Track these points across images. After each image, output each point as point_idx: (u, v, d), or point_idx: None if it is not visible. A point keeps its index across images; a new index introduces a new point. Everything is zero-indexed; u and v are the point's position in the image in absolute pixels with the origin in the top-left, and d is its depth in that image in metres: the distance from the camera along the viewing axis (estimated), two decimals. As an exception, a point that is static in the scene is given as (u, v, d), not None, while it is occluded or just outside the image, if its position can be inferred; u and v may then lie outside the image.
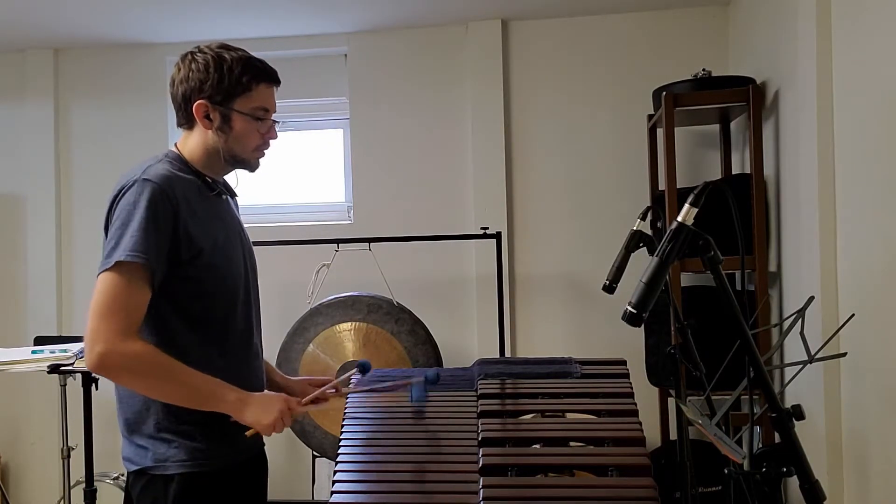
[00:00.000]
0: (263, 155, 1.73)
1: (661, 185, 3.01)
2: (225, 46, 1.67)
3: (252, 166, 1.73)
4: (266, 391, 1.71)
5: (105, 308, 1.48)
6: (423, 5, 3.42)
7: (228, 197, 1.78)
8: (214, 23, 3.53)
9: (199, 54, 1.65)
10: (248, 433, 1.55)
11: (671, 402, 3.14)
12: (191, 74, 1.63)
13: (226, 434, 1.62)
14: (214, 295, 1.63)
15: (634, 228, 2.27)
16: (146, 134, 3.82)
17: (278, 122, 1.74)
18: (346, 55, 3.76)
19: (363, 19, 3.57)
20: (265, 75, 1.67)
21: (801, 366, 1.38)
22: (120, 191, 1.57)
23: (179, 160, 1.66)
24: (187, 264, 1.58)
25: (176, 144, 1.71)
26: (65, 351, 2.82)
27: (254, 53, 1.71)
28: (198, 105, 1.63)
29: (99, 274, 1.52)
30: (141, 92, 3.83)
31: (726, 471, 1.32)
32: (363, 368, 1.87)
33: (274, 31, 3.66)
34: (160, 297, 1.56)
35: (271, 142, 1.73)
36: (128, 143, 3.83)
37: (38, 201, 3.87)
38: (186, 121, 1.68)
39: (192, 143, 1.68)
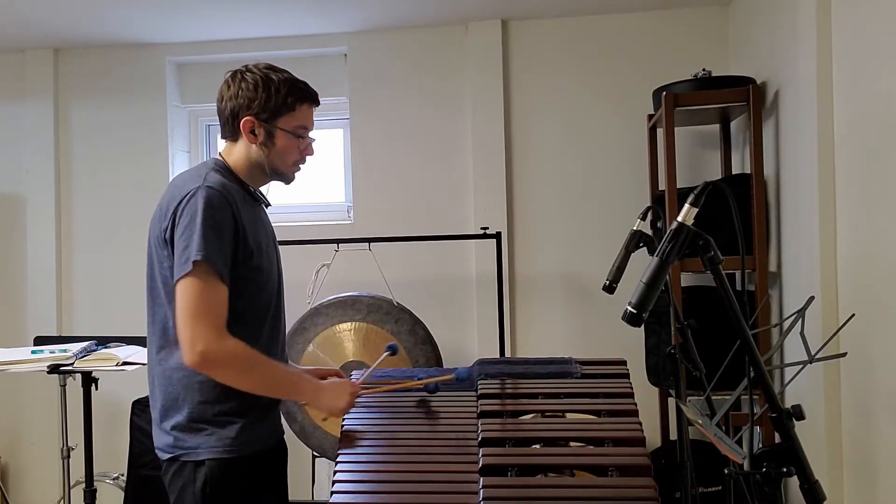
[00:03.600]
0: (300, 169, 1.86)
1: (661, 185, 3.01)
2: (271, 67, 1.79)
3: (289, 179, 1.86)
4: (332, 379, 1.86)
5: (195, 310, 1.60)
6: (423, 5, 3.42)
7: (263, 206, 1.90)
8: (215, 23, 3.53)
9: (248, 74, 1.76)
10: (323, 418, 1.68)
11: (671, 402, 3.14)
12: (240, 92, 1.75)
13: (253, 424, 1.74)
14: (256, 294, 1.75)
15: (634, 228, 2.27)
16: (146, 134, 3.83)
17: (315, 140, 1.85)
18: (346, 55, 3.76)
19: (363, 19, 3.57)
20: (308, 97, 1.80)
21: (801, 366, 1.38)
22: (182, 199, 1.66)
23: (226, 169, 1.78)
24: (240, 264, 1.70)
25: (220, 154, 1.83)
26: (64, 351, 2.82)
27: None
28: (245, 121, 1.75)
29: (178, 280, 1.62)
30: (141, 92, 3.83)
31: (726, 471, 1.32)
32: (393, 351, 2.12)
33: (274, 31, 3.66)
34: None
35: (307, 157, 1.85)
36: (128, 144, 3.84)
37: (38, 201, 3.87)
38: (232, 134, 1.80)
39: (236, 154, 1.80)
